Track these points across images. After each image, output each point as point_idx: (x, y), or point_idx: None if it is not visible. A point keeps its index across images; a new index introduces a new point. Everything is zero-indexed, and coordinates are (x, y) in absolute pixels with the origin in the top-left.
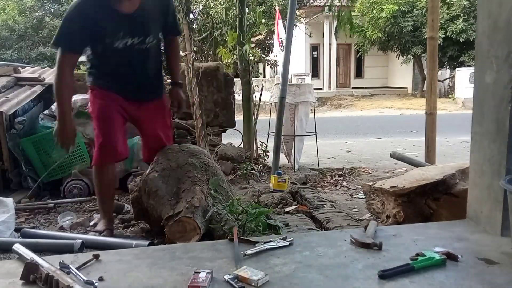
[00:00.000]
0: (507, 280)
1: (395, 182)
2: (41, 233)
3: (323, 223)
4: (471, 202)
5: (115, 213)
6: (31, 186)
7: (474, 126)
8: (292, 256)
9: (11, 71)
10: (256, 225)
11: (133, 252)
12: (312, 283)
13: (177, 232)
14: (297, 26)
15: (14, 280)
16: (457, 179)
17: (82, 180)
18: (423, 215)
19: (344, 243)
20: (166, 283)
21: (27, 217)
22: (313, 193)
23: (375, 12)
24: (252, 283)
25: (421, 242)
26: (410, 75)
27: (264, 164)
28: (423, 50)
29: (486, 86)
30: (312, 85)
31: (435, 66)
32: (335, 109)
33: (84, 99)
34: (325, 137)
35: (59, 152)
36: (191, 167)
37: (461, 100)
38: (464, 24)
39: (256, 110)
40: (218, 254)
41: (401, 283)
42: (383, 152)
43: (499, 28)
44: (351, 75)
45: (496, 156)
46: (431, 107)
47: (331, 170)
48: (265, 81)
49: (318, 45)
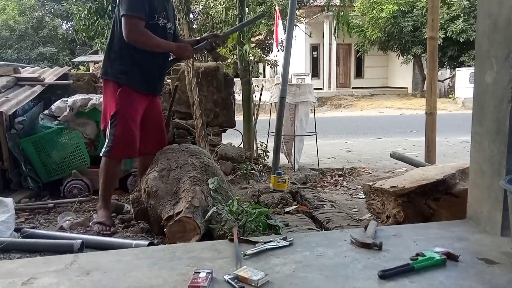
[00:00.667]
0: (507, 280)
1: (395, 182)
2: (41, 233)
3: (323, 223)
4: (471, 202)
5: (115, 213)
6: (31, 186)
7: (474, 126)
8: (292, 256)
9: (11, 71)
10: (256, 225)
11: (133, 252)
12: (312, 283)
13: (177, 232)
14: (297, 26)
15: (14, 280)
16: (457, 179)
17: (82, 180)
18: (423, 215)
19: (344, 243)
20: (166, 283)
21: (27, 217)
22: (313, 193)
23: (375, 12)
24: (252, 283)
25: (421, 242)
26: (410, 75)
27: (264, 164)
28: (423, 50)
29: (486, 86)
30: (312, 85)
31: (435, 66)
32: (335, 109)
33: (84, 99)
34: (325, 137)
35: (59, 152)
36: (191, 167)
37: (461, 100)
38: (464, 24)
39: (256, 110)
40: (218, 254)
41: (401, 283)
42: (383, 152)
43: (499, 28)
44: (351, 75)
45: (496, 156)
46: (431, 107)
47: (331, 170)
48: (265, 81)
49: (318, 45)
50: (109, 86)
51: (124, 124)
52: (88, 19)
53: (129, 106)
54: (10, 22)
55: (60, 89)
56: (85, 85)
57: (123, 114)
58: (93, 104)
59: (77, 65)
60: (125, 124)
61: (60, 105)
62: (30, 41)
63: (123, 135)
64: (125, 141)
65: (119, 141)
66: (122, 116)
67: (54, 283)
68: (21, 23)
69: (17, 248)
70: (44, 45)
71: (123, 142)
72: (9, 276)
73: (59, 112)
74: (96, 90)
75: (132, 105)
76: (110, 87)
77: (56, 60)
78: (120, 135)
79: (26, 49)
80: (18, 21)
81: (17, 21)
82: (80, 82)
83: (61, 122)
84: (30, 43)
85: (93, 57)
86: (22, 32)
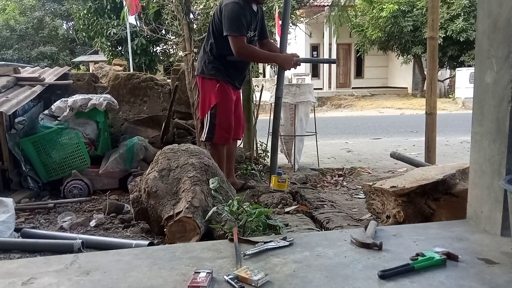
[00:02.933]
0: (507, 280)
1: (395, 182)
2: (41, 233)
3: (323, 223)
4: (471, 202)
5: (115, 213)
6: (31, 186)
7: (474, 126)
8: (292, 256)
9: (11, 71)
10: (256, 225)
11: (133, 252)
12: (312, 283)
13: (177, 232)
14: (297, 26)
15: (14, 280)
16: (457, 179)
17: (82, 180)
18: (423, 215)
19: (344, 243)
20: (166, 283)
21: (27, 217)
22: (313, 193)
23: (375, 12)
24: (252, 283)
25: (421, 242)
26: (410, 75)
27: (264, 164)
28: (423, 50)
29: (486, 86)
30: (312, 85)
31: (435, 66)
32: (335, 109)
33: (84, 99)
34: (325, 137)
35: (59, 152)
36: (191, 167)
37: (461, 100)
38: (464, 23)
39: (256, 110)
40: (218, 254)
41: (401, 283)
42: (383, 152)
43: (499, 28)
44: (351, 75)
45: (496, 156)
46: (431, 107)
47: (331, 170)
48: (265, 81)
49: (318, 45)
50: (206, 83)
51: (223, 113)
52: (88, 18)
53: (227, 98)
54: (11, 22)
55: (60, 89)
56: (85, 85)
57: (222, 105)
58: (93, 104)
59: (77, 65)
60: (224, 113)
61: (60, 105)
62: (30, 41)
63: (223, 123)
64: (226, 128)
65: (221, 128)
66: (221, 107)
67: (54, 283)
68: (21, 23)
69: (17, 248)
70: (44, 44)
71: (224, 129)
72: (9, 276)
73: (59, 112)
74: (96, 90)
75: (229, 96)
76: (207, 83)
77: (56, 60)
78: (221, 123)
79: (27, 48)
80: (19, 21)
81: (18, 21)
82: (80, 82)
83: (61, 122)
84: (30, 43)
85: (93, 57)
86: (22, 32)
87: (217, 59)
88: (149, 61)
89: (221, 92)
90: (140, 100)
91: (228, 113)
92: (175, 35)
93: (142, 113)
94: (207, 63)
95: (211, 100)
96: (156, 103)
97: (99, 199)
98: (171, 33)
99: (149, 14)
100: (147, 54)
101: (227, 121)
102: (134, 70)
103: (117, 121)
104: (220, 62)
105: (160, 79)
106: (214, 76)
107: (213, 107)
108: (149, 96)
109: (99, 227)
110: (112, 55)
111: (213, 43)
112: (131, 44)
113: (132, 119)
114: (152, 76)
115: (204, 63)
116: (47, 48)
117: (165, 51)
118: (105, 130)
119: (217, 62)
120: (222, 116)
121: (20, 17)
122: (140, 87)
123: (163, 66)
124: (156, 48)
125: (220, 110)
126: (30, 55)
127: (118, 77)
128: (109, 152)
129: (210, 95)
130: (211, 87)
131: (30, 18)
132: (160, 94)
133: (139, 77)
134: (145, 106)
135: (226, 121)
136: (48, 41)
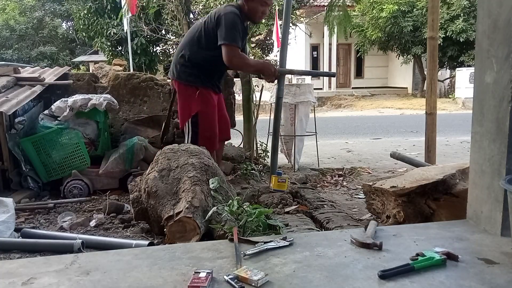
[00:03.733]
0: (507, 280)
1: (395, 182)
2: (41, 233)
3: (323, 223)
4: (471, 202)
5: (115, 213)
6: (31, 186)
7: (474, 126)
8: (292, 256)
9: (11, 71)
10: (256, 225)
11: (133, 252)
12: (312, 283)
13: (177, 232)
14: (297, 26)
15: (14, 280)
16: (457, 179)
17: (82, 180)
18: (423, 215)
19: (344, 243)
20: (166, 283)
21: (27, 217)
22: (313, 193)
23: (375, 12)
24: (252, 283)
25: (421, 242)
26: (410, 75)
27: (264, 164)
28: (423, 50)
29: (486, 86)
30: (312, 85)
31: (435, 66)
32: (335, 109)
33: (84, 99)
34: (325, 137)
35: (59, 152)
36: (191, 167)
37: (461, 100)
38: (464, 24)
39: (256, 110)
40: (218, 254)
41: (401, 283)
42: (383, 152)
43: (499, 28)
44: (351, 75)
45: (496, 156)
46: (431, 107)
47: (331, 170)
48: (265, 81)
49: (318, 45)
50: (185, 89)
51: (206, 122)
52: (88, 18)
53: (208, 105)
54: (11, 22)
55: (60, 89)
56: (85, 85)
57: (205, 113)
58: (93, 104)
59: (77, 65)
60: (207, 121)
61: (60, 105)
62: (30, 41)
63: (206, 131)
64: (209, 136)
65: (203, 136)
66: (204, 115)
67: (54, 283)
68: (21, 23)
69: (17, 248)
70: (44, 45)
71: (206, 137)
72: (9, 276)
73: (59, 112)
74: (96, 90)
75: (210, 103)
76: (187, 90)
77: (56, 60)
78: (203, 131)
79: (27, 48)
80: (19, 21)
81: (18, 21)
82: (80, 82)
83: (61, 122)
84: (30, 43)
85: (93, 57)
86: (22, 32)
87: (195, 65)
88: (149, 61)
89: (202, 99)
90: (140, 100)
91: (211, 121)
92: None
93: (142, 113)
94: (184, 68)
95: (191, 108)
96: (156, 103)
97: (99, 199)
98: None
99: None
100: (147, 54)
101: (211, 129)
102: (134, 70)
103: (117, 121)
104: (198, 69)
105: (160, 79)
106: (193, 83)
107: (195, 116)
108: (149, 96)
109: (99, 227)
110: (112, 55)
111: (196, 49)
112: (131, 44)
113: (132, 119)
114: (152, 76)
115: (181, 68)
116: (47, 48)
117: (165, 51)
118: (105, 130)
119: (195, 69)
120: (206, 124)
121: (20, 17)
122: (140, 87)
123: (163, 66)
124: (156, 48)
125: (202, 119)
126: (30, 55)
127: (118, 77)
128: (109, 152)
129: (190, 103)
130: (191, 94)
131: (30, 18)
132: (160, 94)
133: (139, 77)
134: (145, 106)
135: (209, 129)
136: (48, 41)
